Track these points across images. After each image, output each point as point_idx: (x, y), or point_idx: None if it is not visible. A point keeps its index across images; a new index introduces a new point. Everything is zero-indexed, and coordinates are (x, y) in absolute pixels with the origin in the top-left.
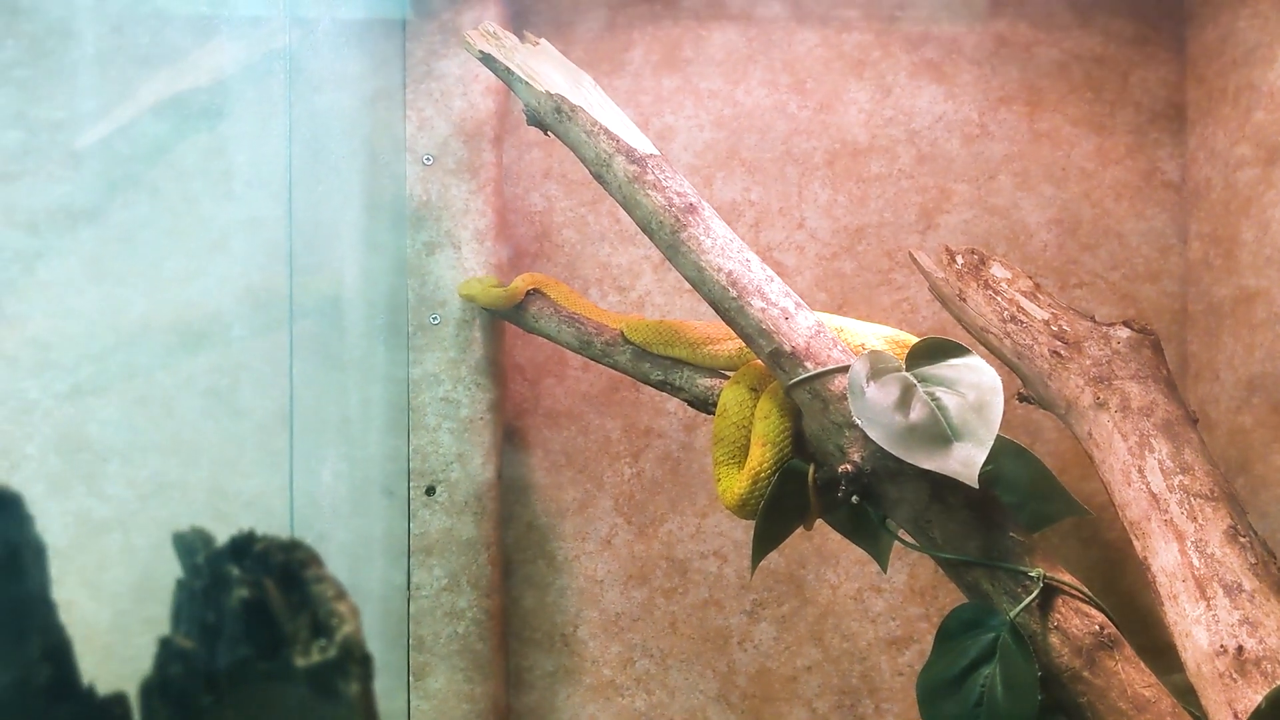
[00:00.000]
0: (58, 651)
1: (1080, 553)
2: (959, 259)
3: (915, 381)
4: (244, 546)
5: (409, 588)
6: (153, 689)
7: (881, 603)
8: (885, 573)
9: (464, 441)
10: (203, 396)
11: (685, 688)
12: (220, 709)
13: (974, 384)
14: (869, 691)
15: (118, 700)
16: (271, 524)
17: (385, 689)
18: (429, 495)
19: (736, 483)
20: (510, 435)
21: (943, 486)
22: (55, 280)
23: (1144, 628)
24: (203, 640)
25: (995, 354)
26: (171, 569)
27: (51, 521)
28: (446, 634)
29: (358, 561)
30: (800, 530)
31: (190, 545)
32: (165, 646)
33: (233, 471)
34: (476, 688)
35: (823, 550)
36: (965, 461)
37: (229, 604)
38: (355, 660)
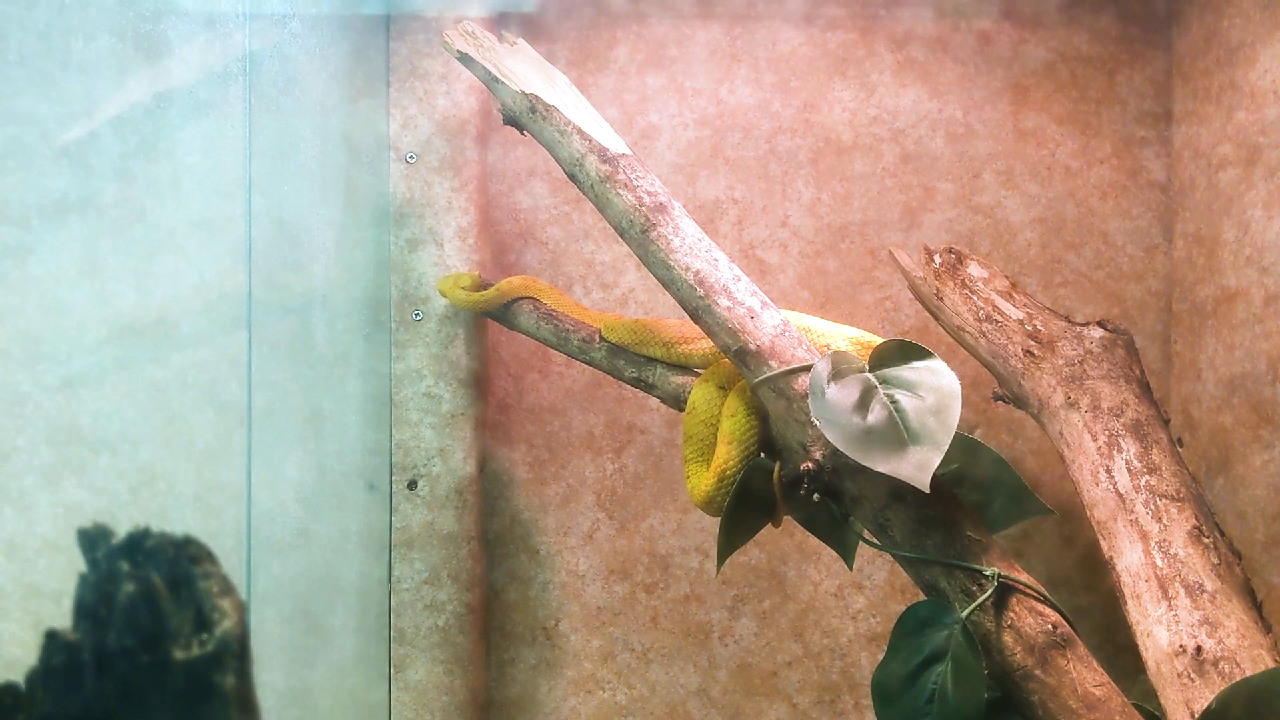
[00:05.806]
0: None
1: (1061, 550)
2: (937, 258)
3: (876, 383)
4: (137, 542)
5: (390, 580)
6: (36, 680)
7: (862, 599)
8: (851, 570)
9: (446, 436)
10: (189, 391)
11: (666, 682)
12: (100, 700)
13: (934, 387)
14: (849, 687)
15: (9, 690)
16: (253, 515)
17: (366, 681)
18: (411, 489)
19: (704, 480)
20: (493, 430)
21: (902, 485)
22: (47, 274)
23: (1124, 626)
24: (92, 633)
25: (971, 353)
26: None
27: (43, 513)
28: (427, 627)
29: (339, 554)
30: (782, 526)
31: (92, 540)
32: (51, 639)
33: (219, 464)
34: (456, 680)
35: (804, 546)
36: (919, 465)
37: (119, 598)
38: (232, 654)
